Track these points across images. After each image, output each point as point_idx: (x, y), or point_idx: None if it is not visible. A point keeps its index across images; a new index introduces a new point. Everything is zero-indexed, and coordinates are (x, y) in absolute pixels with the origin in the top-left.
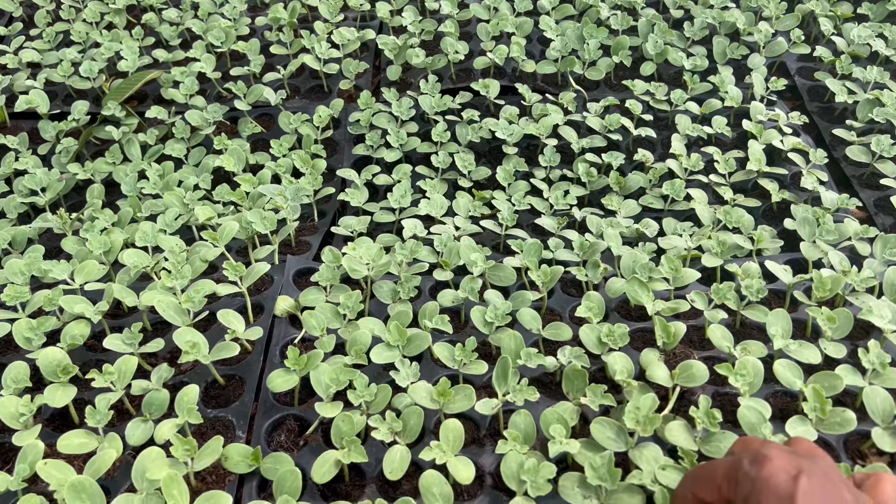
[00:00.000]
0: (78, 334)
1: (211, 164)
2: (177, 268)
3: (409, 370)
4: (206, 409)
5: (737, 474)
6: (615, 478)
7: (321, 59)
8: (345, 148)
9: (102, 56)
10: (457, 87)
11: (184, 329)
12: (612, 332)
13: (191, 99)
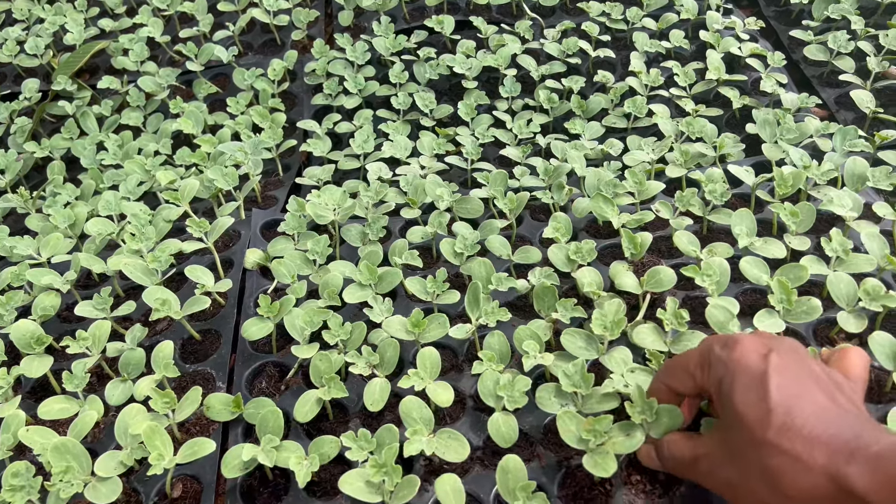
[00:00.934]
0: (49, 305)
1: (169, 128)
2: (140, 230)
3: (382, 306)
4: (184, 365)
5: (709, 359)
6: (588, 383)
7: (270, 11)
8: (304, 99)
9: (47, 31)
10: (411, 27)
11: (153, 288)
12: (579, 248)
13: (142, 65)
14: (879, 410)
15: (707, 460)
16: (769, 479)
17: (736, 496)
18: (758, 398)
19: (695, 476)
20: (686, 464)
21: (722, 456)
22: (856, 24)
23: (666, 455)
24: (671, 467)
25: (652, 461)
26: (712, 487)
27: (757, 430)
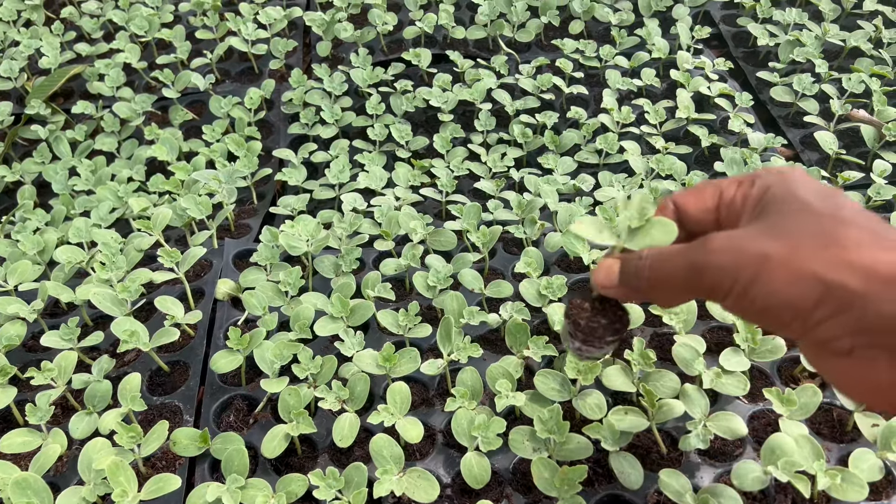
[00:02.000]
0: (14, 335)
1: (143, 155)
2: (111, 259)
3: (353, 339)
4: (151, 397)
5: (756, 175)
6: (563, 430)
7: (248, 40)
8: (280, 128)
9: (22, 54)
10: (388, 59)
11: (121, 319)
12: (550, 284)
13: (118, 91)
14: (842, 450)
15: (725, 253)
16: (840, 244)
17: (767, 266)
18: (825, 193)
19: (687, 285)
20: (681, 273)
21: (758, 235)
22: (820, 67)
23: (644, 267)
24: (647, 285)
25: (609, 278)
26: (714, 283)
27: (830, 211)
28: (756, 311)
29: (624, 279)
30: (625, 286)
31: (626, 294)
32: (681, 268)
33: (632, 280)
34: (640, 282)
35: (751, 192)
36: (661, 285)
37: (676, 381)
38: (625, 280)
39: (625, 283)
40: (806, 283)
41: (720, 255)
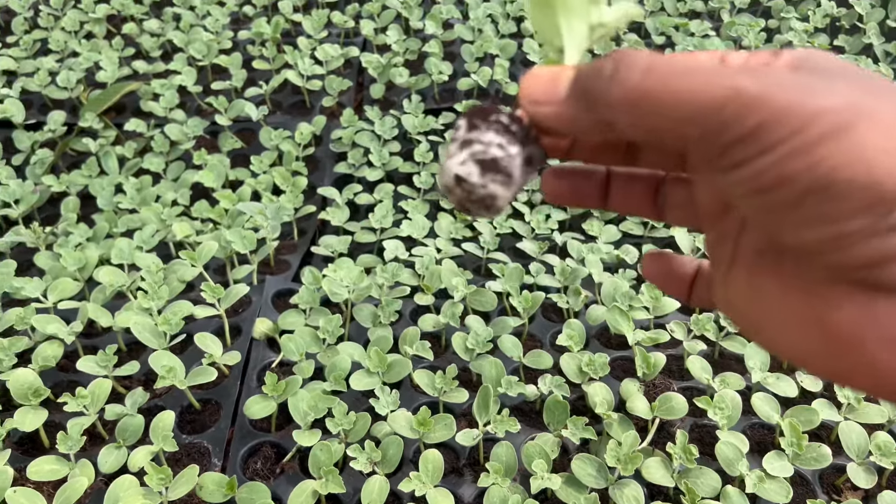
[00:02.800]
0: (51, 355)
1: (190, 179)
2: (154, 288)
3: (388, 398)
4: (181, 435)
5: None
6: None
7: (304, 75)
8: (326, 165)
9: (81, 66)
10: (440, 108)
11: (160, 352)
12: (592, 361)
13: (170, 112)
14: None
15: (792, 88)
16: None
17: (861, 121)
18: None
19: (702, 115)
20: (700, 94)
21: (832, 83)
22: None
23: (633, 66)
24: (627, 97)
25: (552, 87)
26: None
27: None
28: (811, 179)
29: (582, 87)
30: (579, 101)
31: (573, 120)
32: (708, 86)
33: (599, 86)
34: (613, 90)
35: (778, 59)
36: (659, 103)
37: (717, 481)
38: (583, 88)
39: (580, 96)
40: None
41: (786, 91)
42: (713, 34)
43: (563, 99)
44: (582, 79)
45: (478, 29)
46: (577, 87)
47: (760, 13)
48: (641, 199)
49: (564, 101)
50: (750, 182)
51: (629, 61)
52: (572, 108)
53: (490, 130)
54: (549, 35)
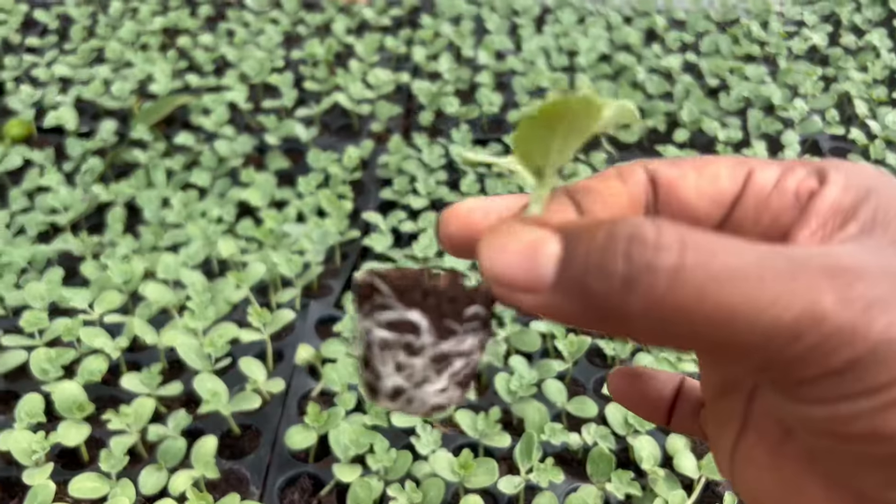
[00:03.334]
0: (96, 369)
1: (236, 196)
2: (200, 308)
3: (429, 437)
4: (220, 460)
5: (820, 168)
6: None
7: (354, 98)
8: (371, 190)
9: (134, 77)
10: (488, 138)
11: (205, 375)
12: None
13: (220, 128)
14: None
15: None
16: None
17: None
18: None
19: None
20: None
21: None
22: None
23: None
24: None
25: (532, 265)
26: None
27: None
28: (877, 438)
29: (579, 280)
30: (574, 297)
31: (569, 317)
32: (773, 306)
33: (604, 288)
34: (630, 300)
35: (826, 192)
36: (697, 324)
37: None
38: (579, 283)
39: (576, 292)
40: None
41: (886, 314)
42: (769, 80)
43: (550, 287)
44: (578, 270)
45: (530, 61)
46: (570, 278)
47: (818, 60)
48: (694, 422)
49: (552, 290)
50: (831, 424)
51: (647, 260)
52: (566, 304)
53: (469, 334)
54: (532, 155)
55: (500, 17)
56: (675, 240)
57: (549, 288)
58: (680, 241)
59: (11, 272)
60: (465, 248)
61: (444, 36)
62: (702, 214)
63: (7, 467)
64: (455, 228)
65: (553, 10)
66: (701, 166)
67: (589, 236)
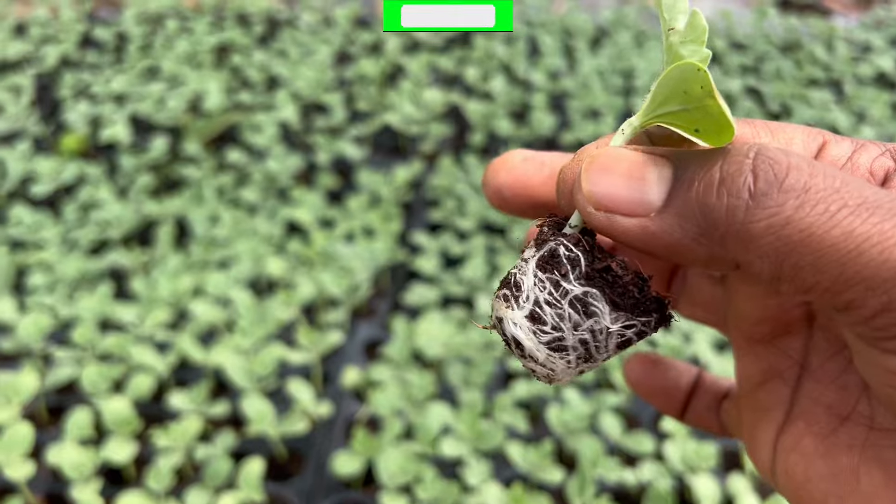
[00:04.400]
0: (145, 386)
1: (285, 215)
2: (249, 327)
3: (479, 468)
4: (265, 482)
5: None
6: None
7: (405, 118)
8: (420, 211)
9: (188, 94)
10: None
11: (253, 396)
12: (699, 452)
13: (271, 146)
14: None
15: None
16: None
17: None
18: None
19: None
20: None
21: None
22: None
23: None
24: (735, 228)
25: (641, 193)
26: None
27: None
28: None
29: (695, 202)
30: (686, 221)
31: (674, 247)
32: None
33: (726, 208)
34: (754, 218)
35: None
36: (817, 254)
37: None
38: (697, 205)
39: (690, 214)
40: None
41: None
42: (834, 105)
43: (658, 210)
44: (697, 189)
45: (584, 82)
46: (687, 198)
47: (886, 85)
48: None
49: (662, 212)
50: None
51: (776, 172)
52: (678, 226)
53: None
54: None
55: (555, 38)
56: (806, 163)
57: (658, 209)
58: (811, 165)
59: (64, 285)
60: (517, 201)
61: (496, 56)
62: None
63: (55, 481)
64: (505, 179)
65: (608, 32)
66: (776, 129)
67: (705, 159)
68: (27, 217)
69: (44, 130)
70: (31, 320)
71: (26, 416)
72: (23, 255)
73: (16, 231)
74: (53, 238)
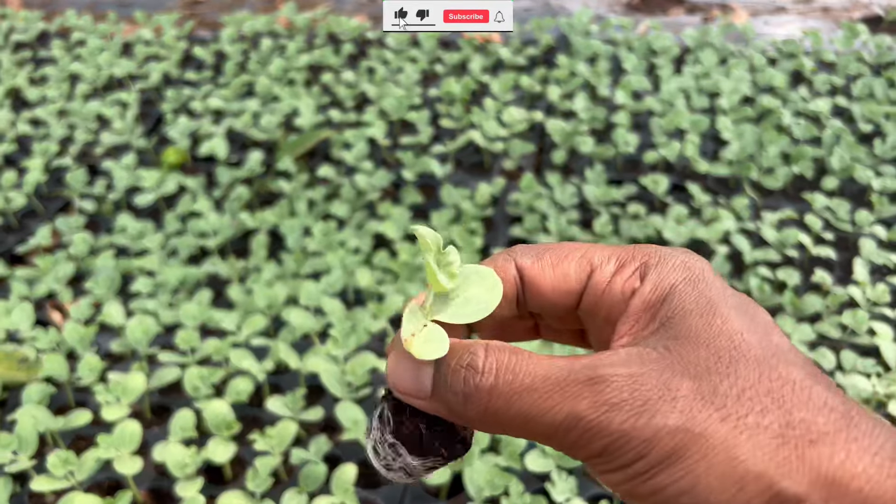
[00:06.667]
0: (243, 390)
1: (373, 228)
2: (342, 336)
3: (565, 484)
4: (357, 488)
5: (658, 256)
6: None
7: (488, 136)
8: (501, 227)
9: (281, 110)
10: (622, 179)
11: (347, 403)
12: None
13: (360, 162)
14: None
15: (631, 411)
16: (803, 432)
17: (698, 448)
18: (749, 313)
19: (554, 437)
20: (548, 419)
21: (677, 386)
22: None
23: (483, 389)
24: (482, 417)
25: (417, 384)
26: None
27: (770, 355)
28: (658, 501)
29: (443, 395)
30: (442, 407)
31: (443, 414)
32: (550, 410)
33: (456, 402)
34: (468, 409)
35: (642, 290)
36: (510, 424)
37: None
38: (444, 397)
39: (443, 402)
40: (751, 486)
41: (621, 413)
42: None
43: (430, 396)
44: (440, 390)
45: (668, 102)
46: (437, 395)
47: None
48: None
49: (431, 398)
50: (613, 487)
51: (475, 382)
52: (440, 409)
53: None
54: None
55: (638, 56)
56: (494, 366)
57: (427, 396)
58: (497, 367)
59: (166, 291)
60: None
61: (579, 75)
62: (558, 304)
63: (159, 478)
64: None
65: (693, 51)
66: (556, 264)
67: (449, 359)
68: (131, 225)
69: (147, 144)
70: (138, 324)
71: (133, 415)
72: (127, 261)
73: (121, 238)
74: (155, 246)
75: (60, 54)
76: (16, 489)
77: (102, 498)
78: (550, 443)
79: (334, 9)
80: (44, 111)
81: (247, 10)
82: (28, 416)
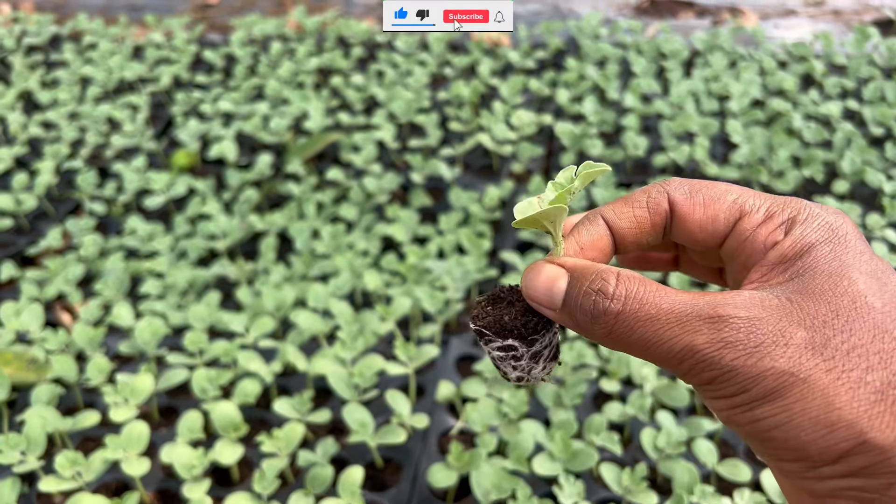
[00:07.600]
0: (250, 392)
1: (381, 231)
2: (350, 339)
3: (572, 488)
4: (363, 491)
5: (789, 216)
6: None
7: (497, 139)
8: (509, 230)
9: (290, 113)
10: (631, 182)
11: (354, 405)
12: None
13: (368, 165)
14: None
15: (743, 350)
16: None
17: (797, 391)
18: (883, 279)
19: (670, 363)
20: (666, 347)
21: (793, 332)
22: None
23: (611, 313)
24: (608, 338)
25: (551, 298)
26: (711, 380)
27: (893, 321)
28: (754, 432)
29: (572, 311)
30: (571, 320)
31: (570, 326)
32: (669, 340)
33: (584, 320)
34: (597, 328)
35: (782, 244)
36: (631, 346)
37: None
38: (573, 313)
39: (571, 317)
40: (841, 431)
41: (734, 351)
42: None
43: (560, 309)
44: (571, 304)
45: (678, 105)
46: (567, 309)
47: None
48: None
49: (561, 311)
50: (720, 414)
51: (603, 306)
52: (567, 322)
53: (543, 333)
54: (540, 228)
55: (647, 59)
56: (623, 294)
57: (558, 308)
58: (626, 295)
59: (174, 293)
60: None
61: (588, 78)
62: (703, 241)
63: (166, 479)
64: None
65: (703, 54)
66: (708, 203)
67: (581, 281)
68: (141, 227)
69: (157, 146)
70: (146, 325)
71: (141, 416)
72: (136, 263)
73: (130, 241)
74: (164, 248)
75: (72, 57)
76: (24, 489)
77: (110, 499)
78: (665, 366)
79: (343, 12)
80: (55, 114)
81: (257, 13)
82: (37, 416)
